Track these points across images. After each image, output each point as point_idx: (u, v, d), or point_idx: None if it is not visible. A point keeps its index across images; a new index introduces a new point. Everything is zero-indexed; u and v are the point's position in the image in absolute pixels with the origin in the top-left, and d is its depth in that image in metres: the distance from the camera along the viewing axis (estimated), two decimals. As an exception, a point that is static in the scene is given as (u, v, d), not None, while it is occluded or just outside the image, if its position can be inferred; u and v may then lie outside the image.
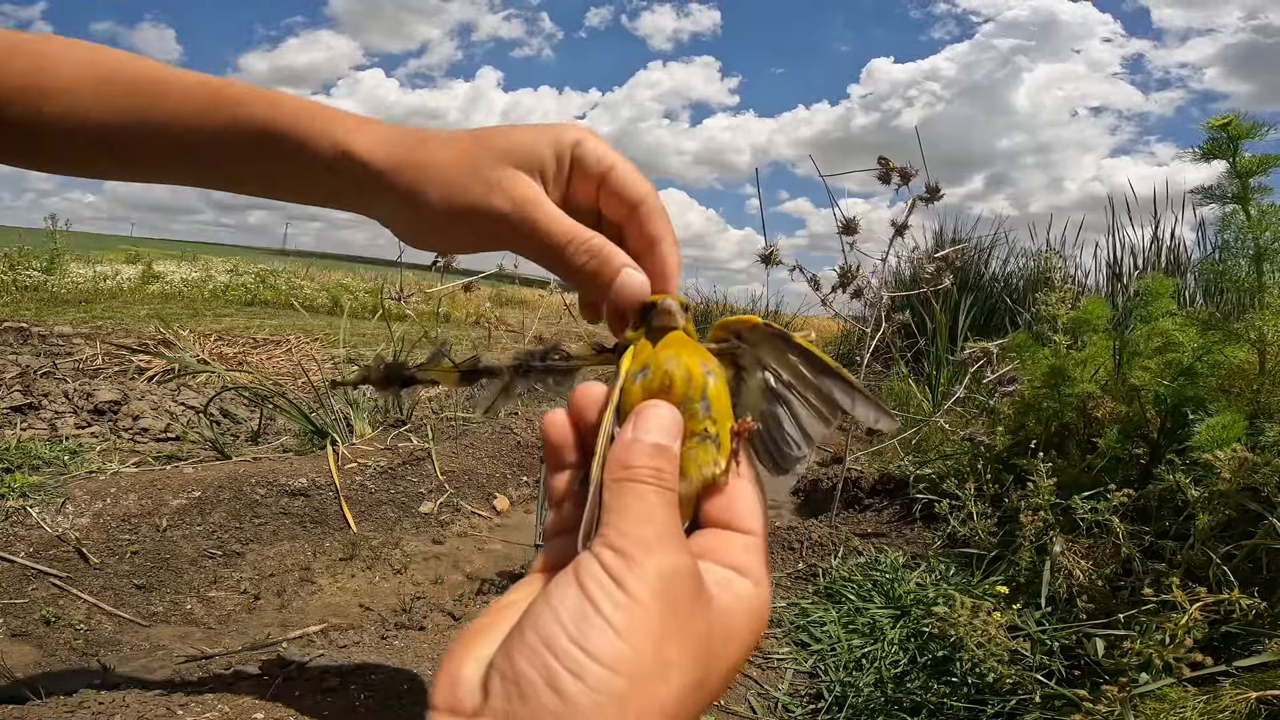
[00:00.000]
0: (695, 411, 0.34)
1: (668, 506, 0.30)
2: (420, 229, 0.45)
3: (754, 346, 0.39)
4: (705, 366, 0.35)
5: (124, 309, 5.04)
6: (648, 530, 0.28)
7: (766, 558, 0.34)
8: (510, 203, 0.41)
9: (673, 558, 0.28)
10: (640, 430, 0.32)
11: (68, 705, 0.95)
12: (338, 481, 1.73)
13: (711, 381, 0.35)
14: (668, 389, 0.34)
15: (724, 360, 0.38)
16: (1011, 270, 4.64)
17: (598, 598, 0.26)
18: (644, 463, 0.30)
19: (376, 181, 0.43)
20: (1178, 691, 0.81)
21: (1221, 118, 1.25)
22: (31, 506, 1.42)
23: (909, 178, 1.68)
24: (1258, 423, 1.19)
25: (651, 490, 0.30)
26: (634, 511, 0.29)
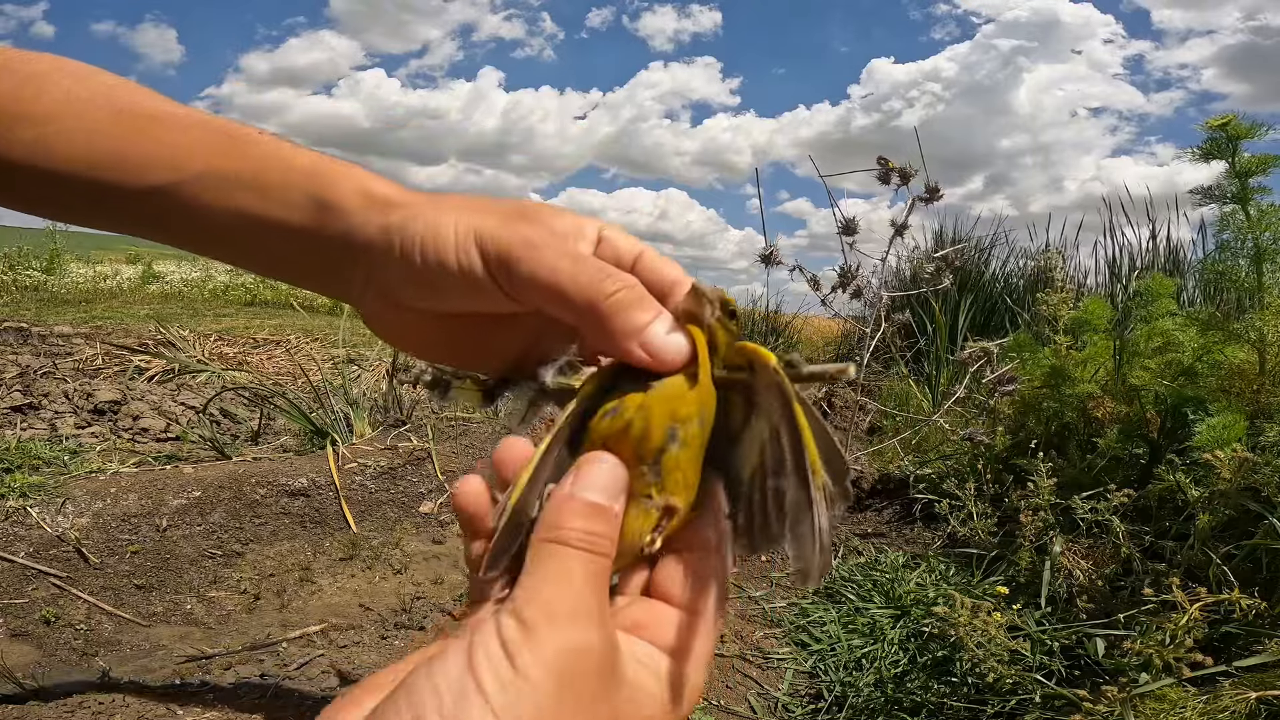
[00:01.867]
0: (642, 474, 0.30)
1: (592, 576, 0.27)
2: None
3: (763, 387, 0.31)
4: (673, 427, 0.30)
5: (124, 309, 5.05)
6: (561, 600, 0.25)
7: (711, 641, 0.30)
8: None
9: (581, 634, 0.25)
10: (579, 486, 0.29)
11: (68, 705, 0.95)
12: (338, 481, 1.73)
13: (673, 448, 0.30)
14: (619, 438, 0.30)
15: (735, 394, 0.32)
16: (1011, 270, 4.64)
17: (483, 673, 0.23)
18: (576, 524, 0.27)
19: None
20: (1178, 691, 0.81)
21: (1220, 118, 1.25)
22: (31, 506, 1.42)
23: (908, 178, 1.68)
24: (1258, 423, 1.19)
25: (577, 557, 0.27)
26: (551, 578, 0.26)
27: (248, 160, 0.37)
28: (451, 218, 0.34)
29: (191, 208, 0.37)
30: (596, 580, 0.27)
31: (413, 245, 0.34)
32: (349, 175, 0.37)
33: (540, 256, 0.33)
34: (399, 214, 0.35)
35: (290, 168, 0.37)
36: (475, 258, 0.34)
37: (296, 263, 0.39)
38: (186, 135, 0.38)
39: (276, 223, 0.37)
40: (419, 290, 0.36)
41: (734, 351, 0.32)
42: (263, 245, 0.38)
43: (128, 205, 0.38)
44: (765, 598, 1.53)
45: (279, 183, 0.37)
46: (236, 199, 0.37)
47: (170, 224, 0.38)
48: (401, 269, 0.35)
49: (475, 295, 0.35)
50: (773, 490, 0.29)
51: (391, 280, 0.36)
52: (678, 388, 0.31)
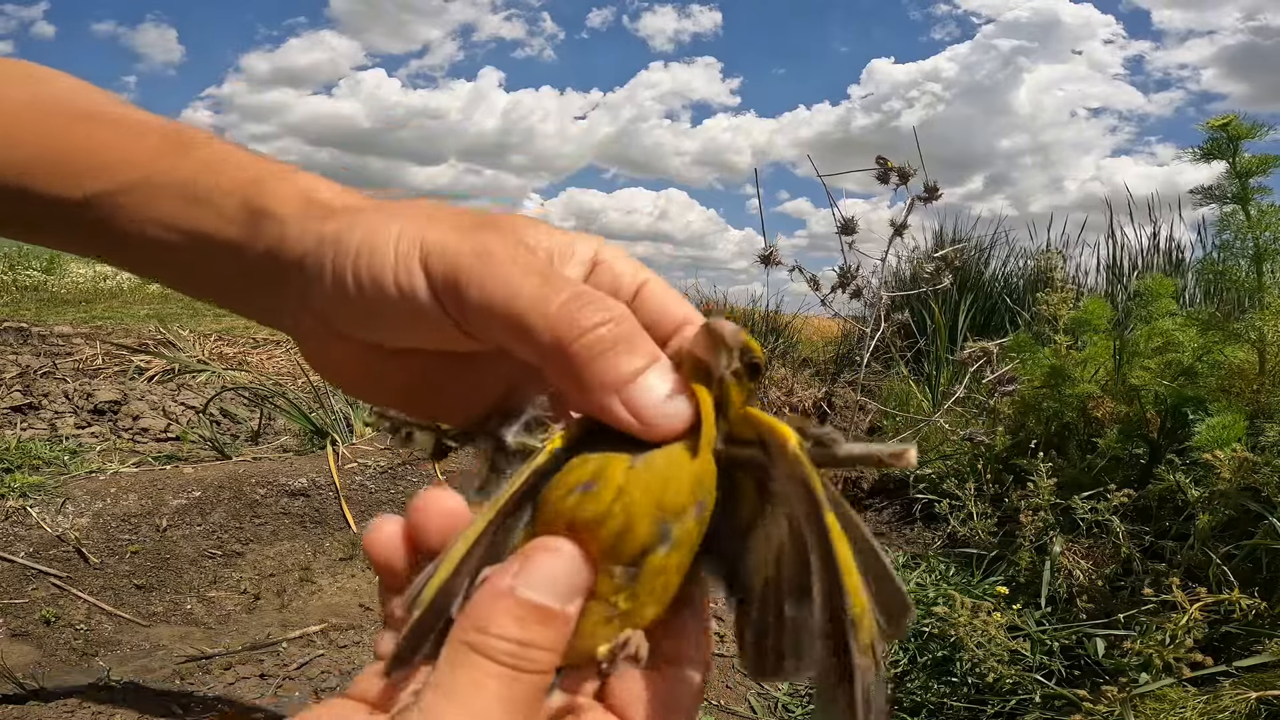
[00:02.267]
0: (611, 575, 0.23)
1: (514, 703, 0.21)
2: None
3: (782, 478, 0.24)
4: (665, 523, 0.23)
5: (124, 309, 5.05)
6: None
7: None
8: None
9: None
10: (523, 579, 0.22)
11: (67, 705, 0.95)
12: (338, 481, 1.73)
13: (661, 550, 0.23)
14: (589, 527, 0.23)
15: (744, 475, 0.25)
16: (1011, 270, 4.64)
17: None
18: (508, 632, 0.21)
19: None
20: (1178, 691, 0.81)
21: (1221, 118, 1.25)
22: (31, 506, 1.42)
23: (908, 177, 1.68)
24: (1258, 423, 1.19)
25: (496, 676, 0.21)
26: (458, 700, 0.20)
27: (185, 165, 0.31)
28: (396, 227, 0.27)
29: (120, 219, 0.32)
30: (519, 706, 0.21)
31: (345, 261, 0.27)
32: (292, 180, 0.31)
33: (497, 272, 0.26)
34: (337, 222, 0.29)
35: (230, 173, 0.31)
36: (419, 277, 0.26)
37: (227, 282, 0.32)
38: (126, 141, 0.32)
39: (206, 235, 0.31)
40: (355, 317, 0.28)
41: (744, 424, 0.25)
42: (193, 261, 0.32)
43: (60, 215, 0.33)
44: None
45: (214, 187, 0.31)
46: (165, 207, 0.31)
47: (99, 236, 0.33)
48: (335, 291, 0.28)
49: (421, 326, 0.27)
50: (790, 619, 0.23)
51: (325, 304, 0.29)
52: (674, 465, 0.23)
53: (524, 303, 0.25)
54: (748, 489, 0.25)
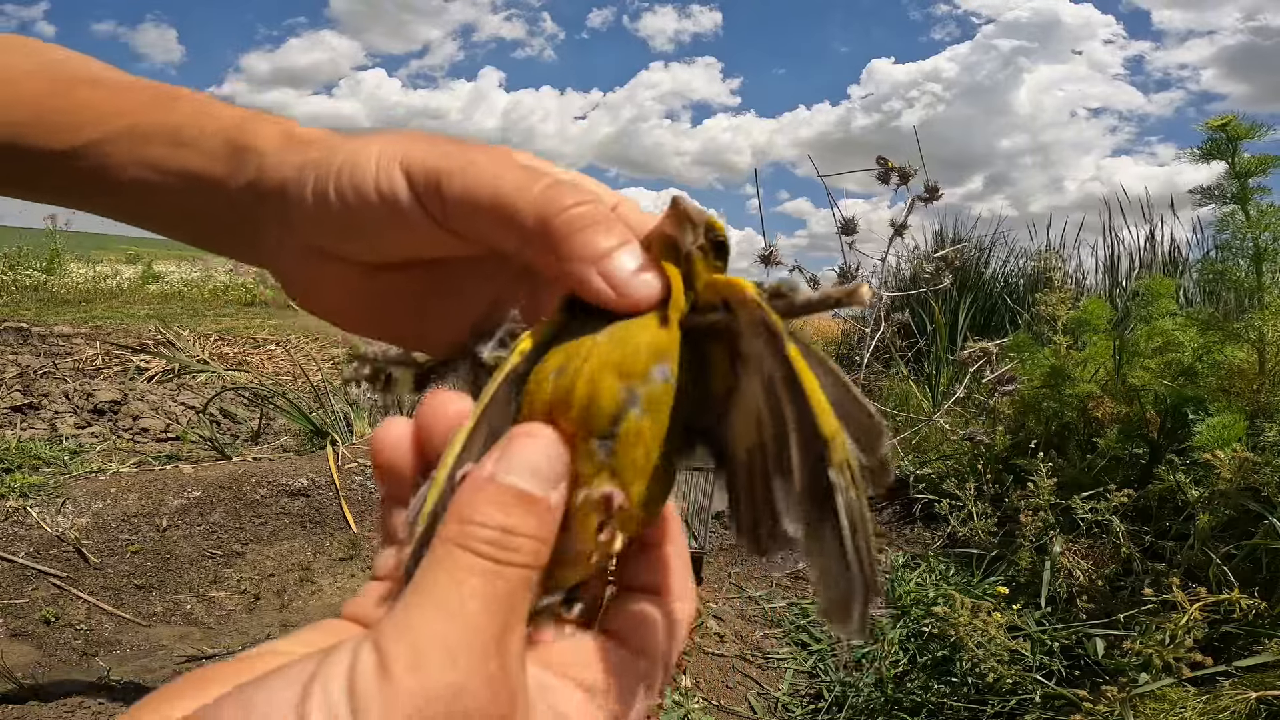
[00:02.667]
0: (590, 451, 0.22)
1: (494, 601, 0.20)
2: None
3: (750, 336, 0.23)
4: (630, 386, 0.22)
5: (124, 309, 5.05)
6: (442, 633, 0.19)
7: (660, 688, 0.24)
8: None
9: (457, 681, 0.18)
10: (502, 466, 0.21)
11: (68, 705, 0.95)
12: (338, 481, 1.73)
13: (633, 413, 0.22)
14: (560, 405, 0.22)
15: (715, 346, 0.25)
16: (1011, 270, 4.65)
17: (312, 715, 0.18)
18: (491, 519, 0.20)
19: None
20: (1178, 691, 0.81)
21: (1220, 118, 1.25)
22: (31, 506, 1.42)
23: (908, 177, 1.68)
24: (1258, 423, 1.19)
25: (479, 569, 0.20)
26: (437, 596, 0.19)
27: (173, 114, 0.33)
28: (378, 145, 0.29)
29: (110, 165, 0.34)
30: (504, 604, 0.20)
31: (328, 178, 0.29)
32: (275, 121, 0.33)
33: (479, 169, 0.27)
34: (319, 150, 0.30)
35: (215, 119, 0.33)
36: (399, 181, 0.28)
37: (212, 219, 0.34)
38: (116, 95, 0.34)
39: (190, 173, 0.32)
40: (338, 230, 0.30)
41: (706, 289, 0.25)
42: (176, 203, 0.34)
43: (50, 167, 0.35)
44: (765, 598, 1.53)
45: (199, 131, 0.33)
46: (153, 152, 0.33)
47: (90, 185, 0.35)
48: (317, 208, 0.29)
49: (403, 231, 0.28)
50: (777, 465, 0.22)
51: (307, 223, 0.30)
52: (639, 332, 0.24)
53: (508, 187, 0.26)
54: (720, 359, 0.25)
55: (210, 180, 0.32)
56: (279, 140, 0.31)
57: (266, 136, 0.32)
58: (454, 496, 0.21)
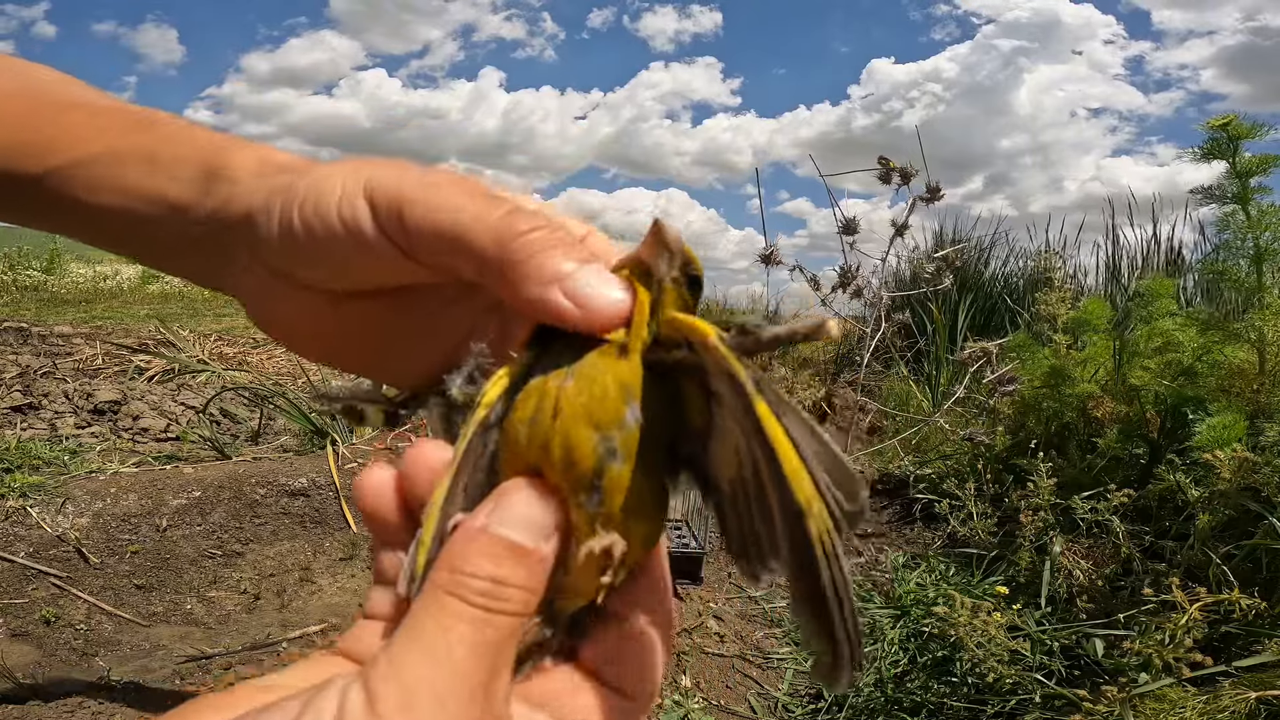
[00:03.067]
0: (579, 504, 0.22)
1: (482, 647, 0.20)
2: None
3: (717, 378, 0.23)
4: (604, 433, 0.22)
5: (124, 309, 5.05)
6: (430, 679, 0.19)
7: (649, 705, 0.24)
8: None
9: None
10: (495, 519, 0.22)
11: (68, 705, 0.95)
12: (338, 481, 1.73)
13: (613, 464, 0.22)
14: (543, 461, 0.22)
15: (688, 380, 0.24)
16: (1011, 270, 4.65)
17: None
18: (481, 570, 0.21)
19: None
20: (1177, 691, 0.81)
21: (1221, 118, 1.25)
22: (31, 506, 1.42)
23: (909, 178, 1.68)
24: (1258, 423, 1.19)
25: (468, 620, 0.20)
26: (425, 641, 0.20)
27: (146, 138, 0.33)
28: (342, 174, 0.29)
29: (82, 190, 0.33)
30: (491, 653, 0.20)
31: (293, 205, 0.29)
32: (250, 148, 0.33)
33: (441, 197, 0.27)
34: (287, 177, 0.30)
35: (189, 144, 0.33)
36: (362, 209, 0.28)
37: (178, 243, 0.33)
38: (94, 119, 0.34)
39: (160, 197, 0.32)
40: (303, 259, 0.29)
41: (667, 326, 0.24)
42: (147, 227, 0.33)
43: (24, 191, 0.34)
44: (765, 598, 1.53)
45: (172, 157, 0.32)
46: (126, 176, 0.33)
47: (64, 209, 0.34)
48: (282, 236, 0.29)
49: (367, 258, 0.28)
50: (759, 508, 0.22)
51: (273, 251, 0.30)
52: (604, 370, 0.23)
53: (467, 216, 0.26)
54: (693, 394, 0.24)
55: (180, 205, 0.32)
56: (254, 167, 0.31)
57: (241, 163, 0.31)
58: (446, 546, 0.21)
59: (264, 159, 0.32)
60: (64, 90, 0.36)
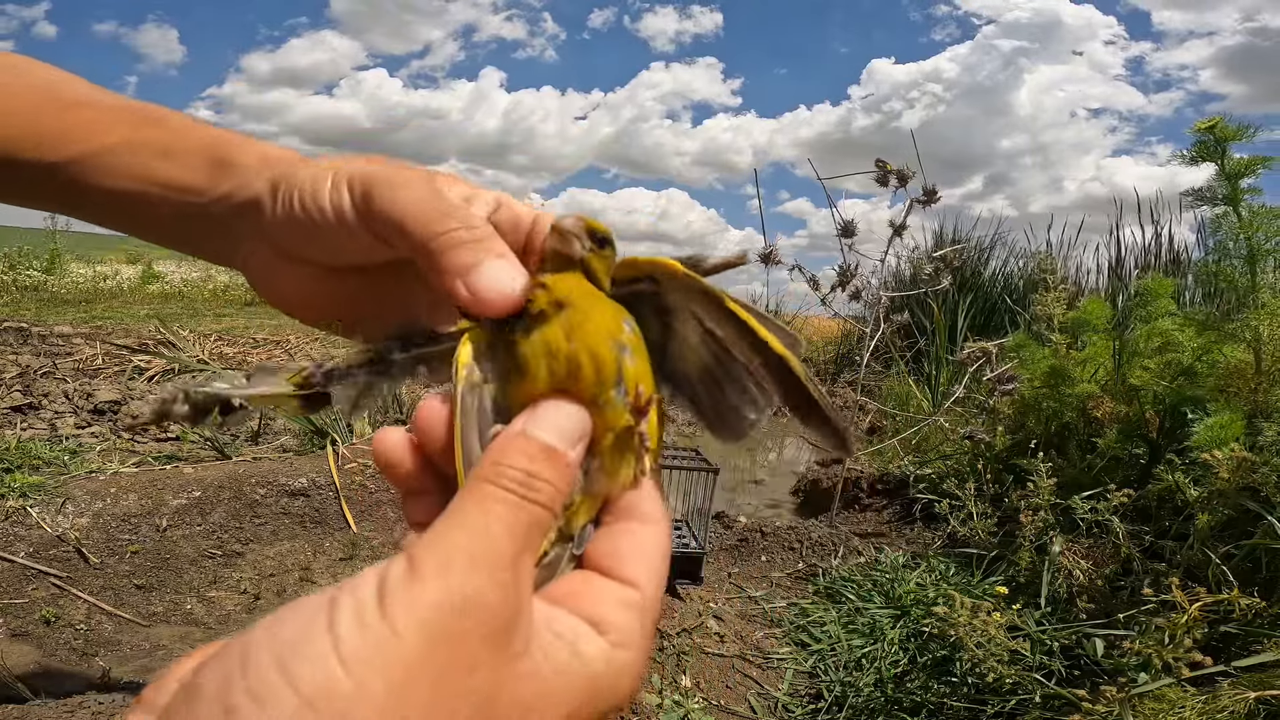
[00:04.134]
0: (610, 401, 0.27)
1: (517, 526, 0.23)
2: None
3: (675, 294, 0.31)
4: (616, 340, 0.28)
5: (124, 309, 5.05)
6: (467, 546, 0.22)
7: (651, 624, 0.27)
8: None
9: (475, 586, 0.21)
10: (533, 424, 0.26)
11: (68, 705, 0.95)
12: (338, 481, 1.73)
13: (628, 360, 0.28)
14: (572, 378, 0.27)
15: (641, 306, 0.31)
16: (1011, 270, 4.65)
17: (341, 613, 0.20)
18: (518, 464, 0.24)
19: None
20: (1177, 691, 0.81)
21: (1207, 120, 1.25)
22: (31, 506, 1.42)
23: (906, 180, 1.68)
24: (1256, 422, 1.19)
25: (505, 500, 0.23)
26: (467, 521, 0.23)
27: (158, 132, 0.38)
28: (336, 165, 0.35)
29: (99, 177, 0.38)
30: (522, 532, 0.23)
31: (293, 192, 0.35)
32: (252, 143, 0.38)
33: (396, 191, 0.33)
34: (287, 167, 0.36)
35: (198, 137, 0.38)
36: (345, 196, 0.33)
37: (188, 222, 0.38)
38: (104, 114, 0.39)
39: (175, 183, 0.37)
40: (301, 239, 0.35)
41: (624, 268, 0.31)
42: (160, 209, 0.38)
43: (42, 177, 0.39)
44: (765, 598, 1.53)
45: (183, 149, 0.37)
46: (141, 165, 0.38)
47: (79, 195, 0.39)
48: (285, 219, 0.35)
49: (351, 239, 0.34)
50: (731, 378, 0.30)
51: (276, 231, 0.35)
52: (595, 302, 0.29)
53: (413, 207, 0.32)
54: (648, 316, 0.31)
55: (193, 190, 0.37)
56: (256, 160, 0.37)
57: (245, 155, 0.37)
58: (487, 449, 0.26)
59: (265, 153, 0.37)
60: (72, 87, 0.40)
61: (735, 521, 1.85)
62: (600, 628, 0.25)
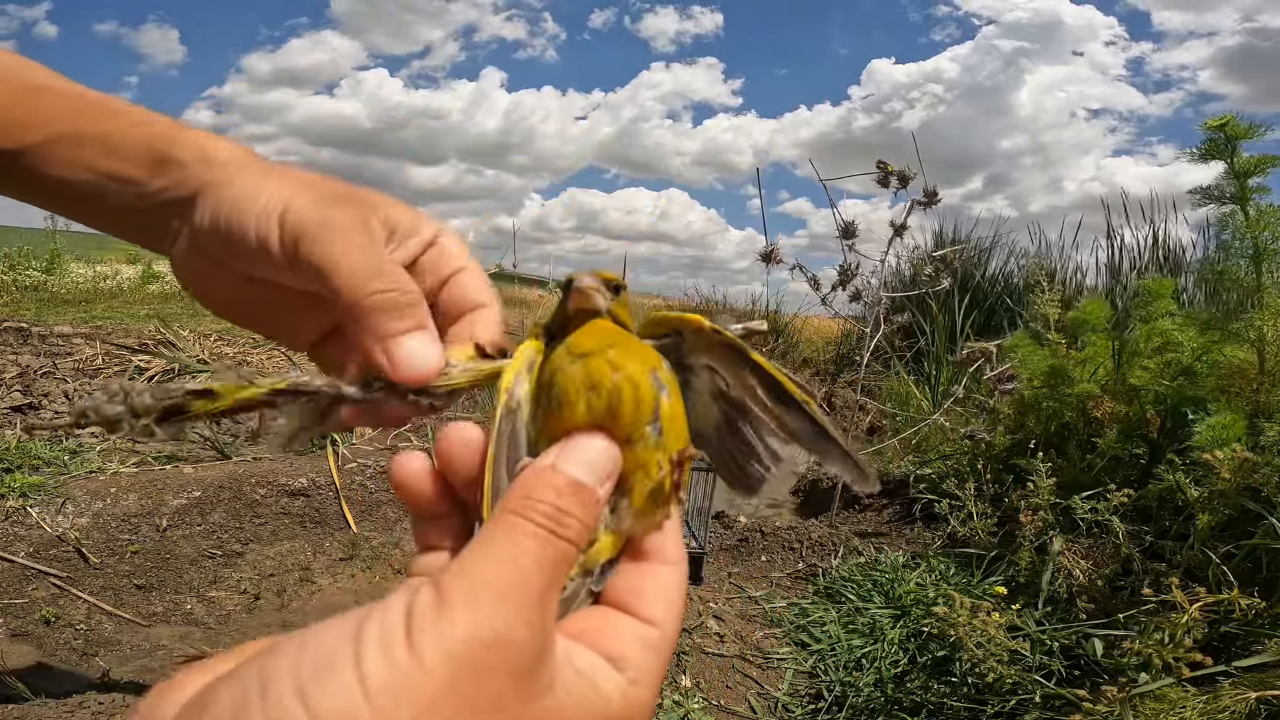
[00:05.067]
0: (645, 437, 0.27)
1: (545, 561, 0.23)
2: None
3: (697, 349, 0.32)
4: (655, 376, 0.28)
5: (124, 309, 5.04)
6: (495, 579, 0.22)
7: (665, 661, 0.27)
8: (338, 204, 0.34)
9: (504, 620, 0.21)
10: (563, 458, 0.26)
11: (68, 705, 0.95)
12: (338, 481, 1.73)
13: (665, 399, 0.28)
14: (611, 413, 0.27)
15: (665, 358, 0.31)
16: (1011, 270, 4.65)
17: (367, 646, 0.20)
18: (547, 498, 0.24)
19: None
20: (1177, 691, 0.81)
21: (1219, 119, 1.25)
22: (31, 506, 1.42)
23: (907, 181, 1.68)
24: (1257, 422, 1.19)
25: (532, 535, 0.23)
26: (496, 553, 0.23)
27: (105, 123, 0.38)
28: (269, 189, 0.34)
29: (51, 166, 0.39)
30: (549, 566, 0.23)
31: (221, 209, 0.35)
32: (193, 136, 0.38)
33: (328, 241, 0.33)
34: (224, 174, 0.36)
35: (141, 130, 0.38)
36: (274, 232, 0.33)
37: (126, 213, 0.39)
38: (64, 102, 0.39)
39: (116, 176, 0.38)
40: (224, 252, 0.36)
41: (653, 325, 0.33)
42: (100, 198, 0.38)
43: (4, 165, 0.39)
44: (765, 598, 1.53)
45: (125, 140, 0.38)
46: (86, 156, 0.38)
47: (33, 182, 0.40)
48: (210, 230, 0.35)
49: (271, 267, 0.34)
50: (747, 436, 0.32)
51: (202, 238, 0.36)
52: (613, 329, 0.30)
53: (338, 266, 0.32)
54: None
55: (130, 180, 0.38)
56: (195, 155, 0.37)
57: (185, 149, 0.37)
58: (514, 481, 0.26)
59: (204, 148, 0.37)
60: (32, 74, 0.41)
61: (735, 521, 1.85)
62: (618, 664, 0.25)
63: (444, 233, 0.38)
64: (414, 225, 0.37)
